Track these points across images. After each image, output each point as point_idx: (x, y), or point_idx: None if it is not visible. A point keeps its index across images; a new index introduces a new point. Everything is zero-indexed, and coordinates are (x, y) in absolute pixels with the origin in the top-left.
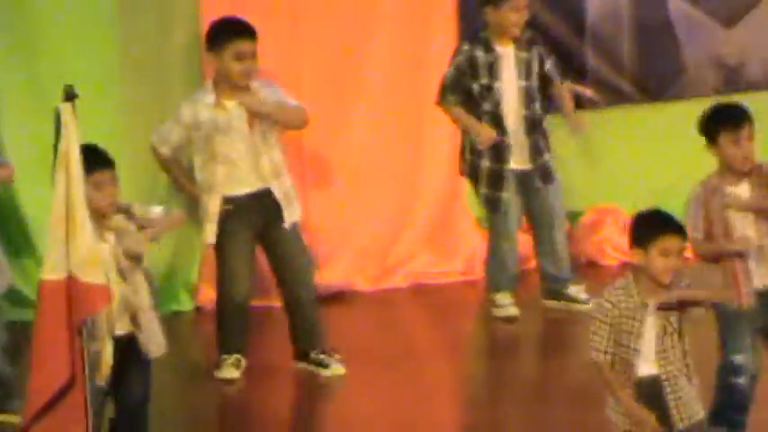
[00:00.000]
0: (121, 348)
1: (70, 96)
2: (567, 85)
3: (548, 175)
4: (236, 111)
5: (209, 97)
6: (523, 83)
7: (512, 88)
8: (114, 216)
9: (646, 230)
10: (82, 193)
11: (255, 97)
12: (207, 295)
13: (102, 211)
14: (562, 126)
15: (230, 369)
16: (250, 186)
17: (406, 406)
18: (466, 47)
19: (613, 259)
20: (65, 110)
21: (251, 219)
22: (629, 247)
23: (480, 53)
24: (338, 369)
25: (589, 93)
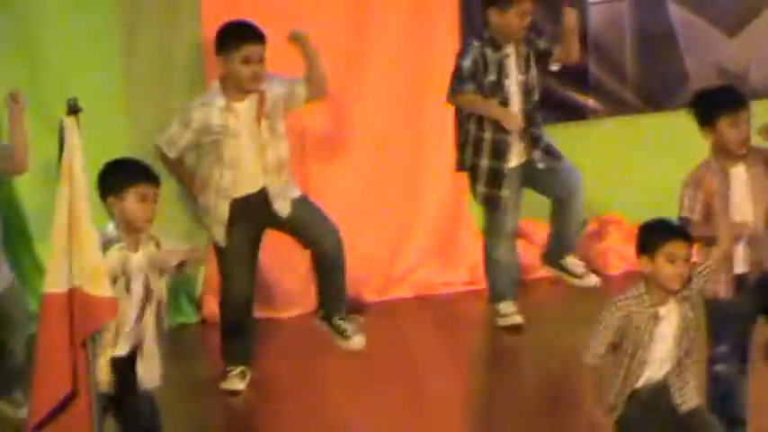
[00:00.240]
0: (125, 366)
1: (74, 110)
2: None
3: (553, 153)
4: (245, 114)
5: (219, 100)
6: (522, 77)
7: (515, 86)
8: (148, 241)
9: (651, 238)
10: (87, 207)
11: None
12: (211, 308)
13: (139, 225)
14: (566, 137)
15: (235, 381)
16: (254, 186)
17: (411, 417)
18: (477, 43)
19: (617, 268)
20: (69, 123)
21: (252, 218)
22: (636, 257)
23: (489, 50)
24: (358, 341)
25: (591, 101)
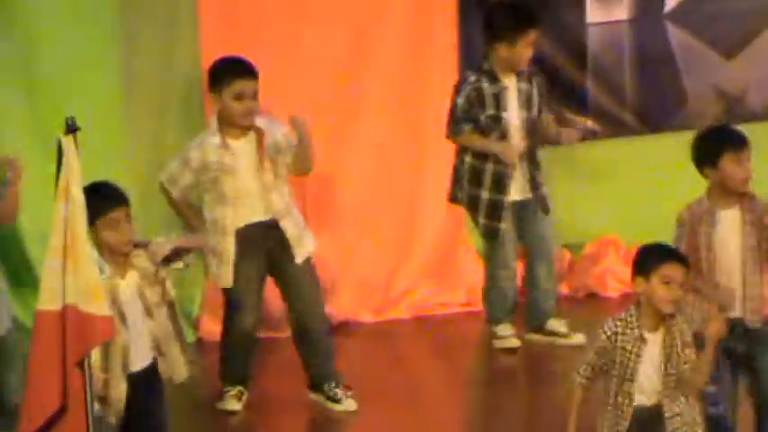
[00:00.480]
0: (138, 382)
1: (72, 129)
2: (566, 114)
3: (546, 206)
4: (243, 150)
5: (214, 138)
6: (525, 114)
7: (515, 119)
8: (135, 254)
9: (648, 259)
10: (84, 225)
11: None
12: (209, 327)
13: (119, 250)
14: (562, 160)
15: (232, 401)
16: (259, 216)
17: None
18: (472, 78)
19: (614, 290)
20: (66, 142)
21: (260, 248)
22: (631, 278)
23: (486, 84)
24: (350, 405)
25: (590, 124)
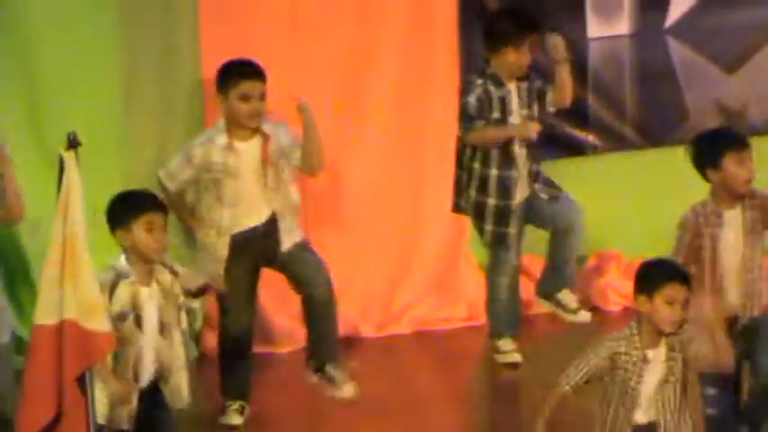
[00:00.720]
0: (148, 396)
1: (73, 144)
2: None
3: (553, 185)
4: (248, 153)
5: (221, 139)
6: (525, 112)
7: (519, 121)
8: (162, 271)
9: (651, 279)
10: (84, 241)
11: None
12: (210, 343)
13: (150, 256)
14: (565, 173)
15: (234, 416)
16: (256, 221)
17: None
18: (479, 81)
19: (617, 304)
20: (67, 157)
21: (252, 252)
22: (633, 296)
23: (492, 88)
24: (349, 390)
25: (591, 138)
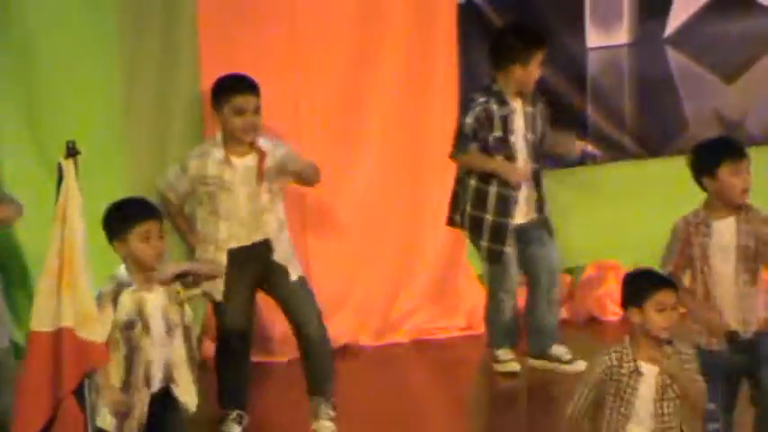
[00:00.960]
0: (158, 401)
1: (72, 153)
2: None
3: (551, 229)
4: (244, 169)
5: (218, 152)
6: (531, 136)
7: (522, 142)
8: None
9: (639, 288)
10: (81, 249)
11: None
12: (209, 351)
13: (148, 264)
14: (564, 183)
15: (232, 425)
16: (251, 239)
17: None
18: (482, 99)
19: (615, 315)
20: (66, 166)
21: (249, 266)
22: (623, 308)
23: (495, 106)
24: (327, 428)
25: (590, 148)
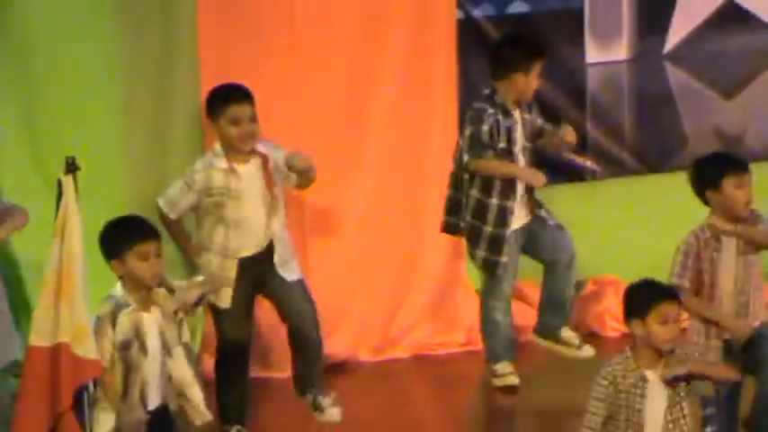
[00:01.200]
0: (154, 421)
1: (72, 168)
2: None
3: (554, 219)
4: (249, 176)
5: (221, 163)
6: (529, 144)
7: (522, 152)
8: (158, 291)
9: (642, 300)
10: (80, 265)
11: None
12: (209, 366)
13: (146, 283)
14: (563, 198)
15: None
16: (257, 248)
17: None
18: (491, 110)
19: (615, 330)
20: (65, 182)
21: (252, 278)
22: (624, 321)
23: (501, 118)
24: (334, 413)
25: (589, 164)
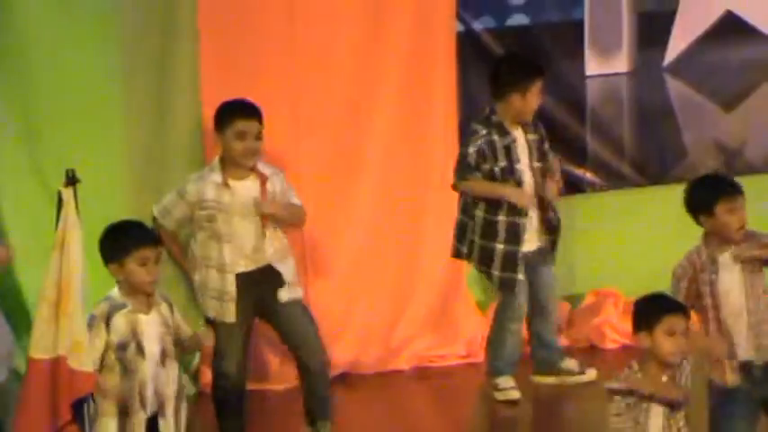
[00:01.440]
0: (152, 426)
1: (72, 181)
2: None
3: (552, 253)
4: (243, 192)
5: (215, 175)
6: (537, 164)
7: (528, 171)
8: (160, 301)
9: (649, 313)
10: (78, 279)
11: (275, 203)
12: (208, 379)
13: (144, 289)
14: (563, 210)
15: None
16: (253, 264)
17: None
18: (483, 131)
19: (614, 342)
20: (66, 194)
21: (250, 297)
22: (633, 333)
23: (497, 137)
24: None
25: (589, 175)
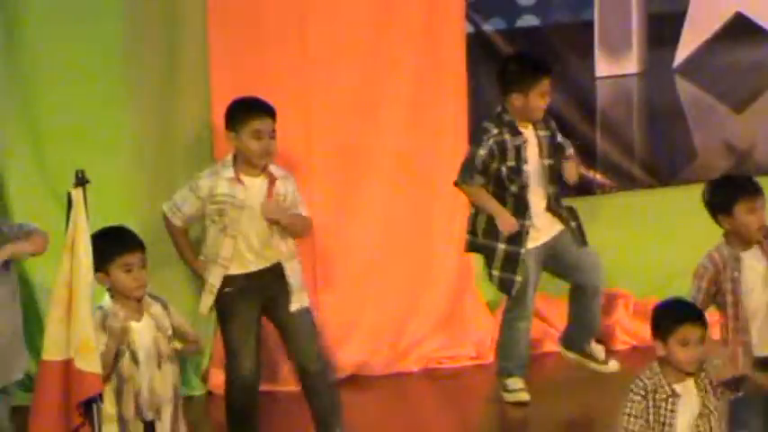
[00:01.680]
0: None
1: (81, 181)
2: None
3: (582, 235)
4: (254, 189)
5: (228, 171)
6: (548, 161)
7: (537, 169)
8: (152, 303)
9: (665, 321)
10: (86, 280)
11: (280, 208)
12: (218, 380)
13: (132, 294)
14: None
15: None
16: (262, 263)
17: None
18: (495, 130)
19: (624, 344)
20: (75, 195)
21: (257, 294)
22: (651, 339)
23: (508, 137)
24: None
25: (599, 177)
